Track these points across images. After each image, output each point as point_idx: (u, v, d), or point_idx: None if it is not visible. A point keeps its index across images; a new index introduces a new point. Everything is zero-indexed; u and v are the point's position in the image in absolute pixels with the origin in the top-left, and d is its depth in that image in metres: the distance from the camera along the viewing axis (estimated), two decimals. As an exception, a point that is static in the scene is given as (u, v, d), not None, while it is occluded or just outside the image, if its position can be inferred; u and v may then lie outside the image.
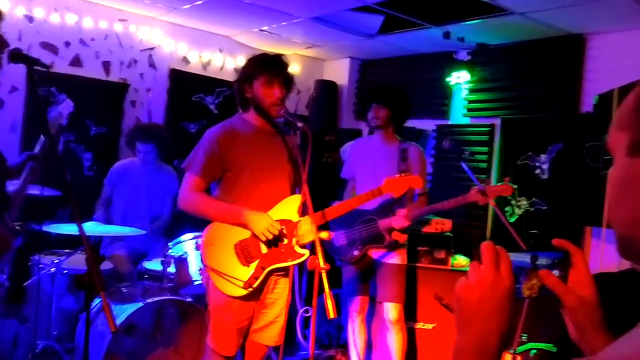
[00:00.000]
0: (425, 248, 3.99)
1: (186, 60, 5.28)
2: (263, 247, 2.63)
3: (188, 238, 3.55)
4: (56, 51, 4.61)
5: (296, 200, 2.71)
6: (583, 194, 3.96)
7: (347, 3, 4.04)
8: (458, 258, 4.08)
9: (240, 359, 2.78)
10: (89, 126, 4.75)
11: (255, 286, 2.60)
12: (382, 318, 3.54)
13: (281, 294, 2.74)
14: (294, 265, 2.67)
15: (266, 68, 2.67)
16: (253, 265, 2.61)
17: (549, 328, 3.28)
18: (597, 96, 3.85)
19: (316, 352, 4.15)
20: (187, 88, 5.25)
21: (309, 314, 2.38)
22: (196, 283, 3.43)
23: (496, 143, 4.73)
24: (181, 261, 3.44)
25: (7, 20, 2.78)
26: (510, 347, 3.20)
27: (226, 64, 5.48)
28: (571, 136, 4.15)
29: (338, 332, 4.13)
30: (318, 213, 2.63)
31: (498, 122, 4.73)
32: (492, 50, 4.77)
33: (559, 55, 4.34)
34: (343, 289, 3.65)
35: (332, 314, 2.14)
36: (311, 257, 2.30)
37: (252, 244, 2.62)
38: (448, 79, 5.03)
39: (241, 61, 5.31)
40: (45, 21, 4.54)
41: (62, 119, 2.40)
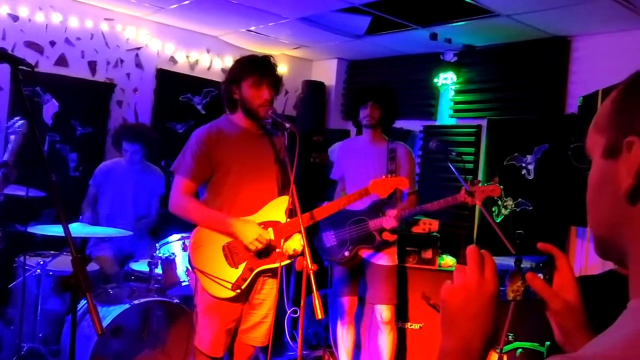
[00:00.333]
0: (412, 248, 4.01)
1: (173, 60, 5.25)
2: (251, 248, 2.63)
3: (175, 239, 3.53)
4: (41, 51, 4.56)
5: (284, 201, 2.71)
6: (568, 194, 4.00)
7: (335, 4, 4.05)
8: (445, 258, 4.10)
9: (227, 360, 2.78)
10: (75, 126, 4.70)
11: (243, 288, 2.60)
12: (371, 318, 3.55)
13: (268, 295, 2.74)
14: (282, 266, 2.68)
15: (255, 69, 2.66)
16: (241, 266, 2.61)
17: (535, 327, 3.31)
18: (582, 98, 3.90)
19: (304, 353, 4.15)
20: (174, 88, 5.22)
21: (297, 315, 2.38)
22: (183, 284, 3.41)
23: (482, 144, 4.76)
24: (168, 262, 3.42)
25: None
26: (496, 347, 3.23)
27: (214, 64, 5.46)
28: (556, 137, 4.20)
29: (326, 333, 4.13)
30: (306, 214, 2.64)
31: (484, 123, 4.77)
32: (479, 51, 4.81)
33: (545, 57, 4.39)
34: (332, 289, 3.66)
35: (320, 315, 2.15)
36: (299, 258, 2.31)
37: (240, 246, 2.61)
38: (435, 80, 5.06)
39: (229, 61, 5.30)
40: (30, 20, 4.49)
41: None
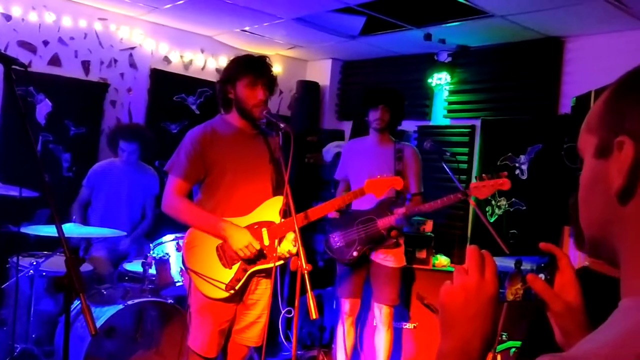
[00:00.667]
0: (406, 248, 4.00)
1: (167, 60, 5.24)
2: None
3: (169, 239, 3.53)
4: (34, 50, 4.54)
5: (278, 201, 2.70)
6: (561, 194, 4.02)
7: (329, 4, 4.05)
8: (439, 258, 4.11)
9: (221, 361, 2.77)
10: (68, 126, 4.68)
11: (237, 288, 2.60)
12: (368, 317, 3.56)
13: (262, 295, 2.74)
14: (276, 266, 2.67)
15: (250, 69, 2.66)
16: (235, 267, 2.61)
17: (529, 327, 3.32)
18: (575, 98, 3.92)
19: (298, 353, 4.15)
20: (169, 88, 5.21)
21: (292, 315, 2.38)
22: (177, 284, 3.40)
23: (476, 144, 4.77)
24: (162, 262, 3.42)
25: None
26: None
27: (208, 64, 5.45)
28: (550, 137, 4.21)
29: (320, 333, 4.13)
30: (300, 214, 2.63)
31: (478, 123, 4.78)
32: (473, 52, 4.82)
33: (538, 57, 4.40)
34: (336, 290, 3.65)
35: (315, 315, 2.15)
36: (294, 258, 2.31)
37: (234, 246, 2.61)
38: (429, 80, 5.07)
39: (223, 61, 5.29)
40: (23, 19, 4.47)
41: None
